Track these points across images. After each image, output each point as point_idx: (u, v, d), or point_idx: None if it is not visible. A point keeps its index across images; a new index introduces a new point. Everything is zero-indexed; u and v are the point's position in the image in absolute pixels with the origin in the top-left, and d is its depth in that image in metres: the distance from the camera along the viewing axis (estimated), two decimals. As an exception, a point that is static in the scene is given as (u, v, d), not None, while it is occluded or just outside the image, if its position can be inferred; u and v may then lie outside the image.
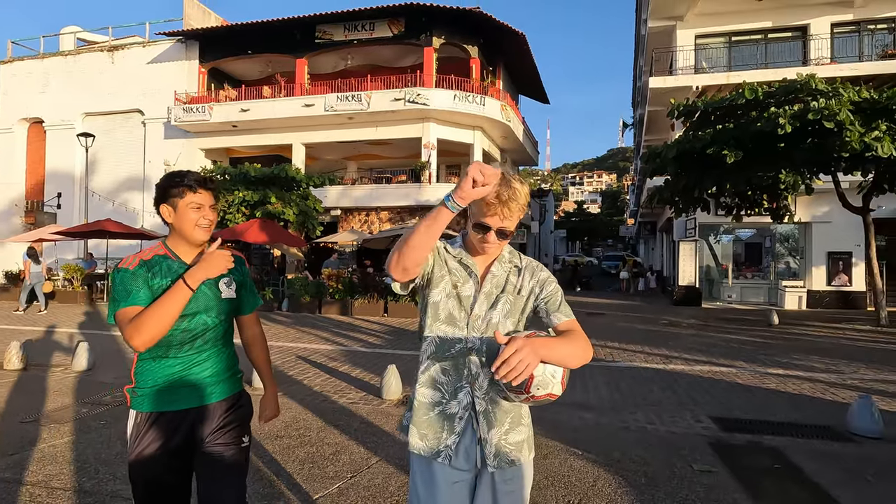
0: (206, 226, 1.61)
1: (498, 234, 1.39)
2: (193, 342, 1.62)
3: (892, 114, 9.35)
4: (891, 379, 6.14)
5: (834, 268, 15.57)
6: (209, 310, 1.63)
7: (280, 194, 14.28)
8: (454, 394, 1.40)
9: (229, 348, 1.75)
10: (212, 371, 1.66)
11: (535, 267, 1.53)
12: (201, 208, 1.59)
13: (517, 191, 1.34)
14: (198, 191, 1.58)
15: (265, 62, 20.84)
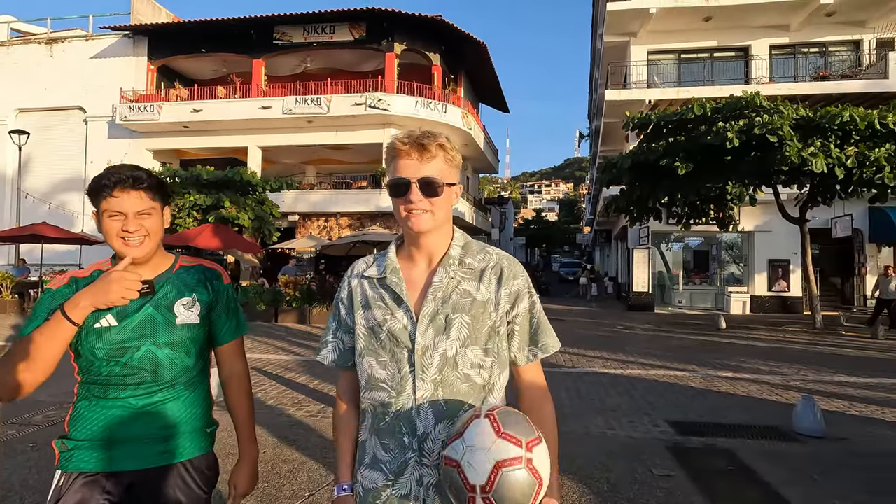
0: (133, 237, 1.23)
1: (423, 188, 1.02)
2: (139, 383, 1.25)
3: (825, 132, 10.05)
4: (828, 379, 6.52)
5: (774, 274, 16.54)
6: (158, 340, 1.26)
7: (234, 198, 13.76)
8: (401, 470, 1.03)
9: (195, 391, 1.35)
10: (166, 422, 1.28)
11: (506, 267, 1.10)
12: (120, 217, 1.21)
13: (421, 130, 1.07)
14: (113, 194, 1.20)
15: (220, 62, 20.14)
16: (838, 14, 16.28)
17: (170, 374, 1.29)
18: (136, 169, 1.25)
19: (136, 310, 1.25)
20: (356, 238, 13.95)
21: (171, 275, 1.34)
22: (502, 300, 1.08)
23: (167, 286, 1.32)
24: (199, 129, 18.78)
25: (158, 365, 1.27)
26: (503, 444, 0.86)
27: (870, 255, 16.23)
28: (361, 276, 1.15)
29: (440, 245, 1.10)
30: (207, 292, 1.37)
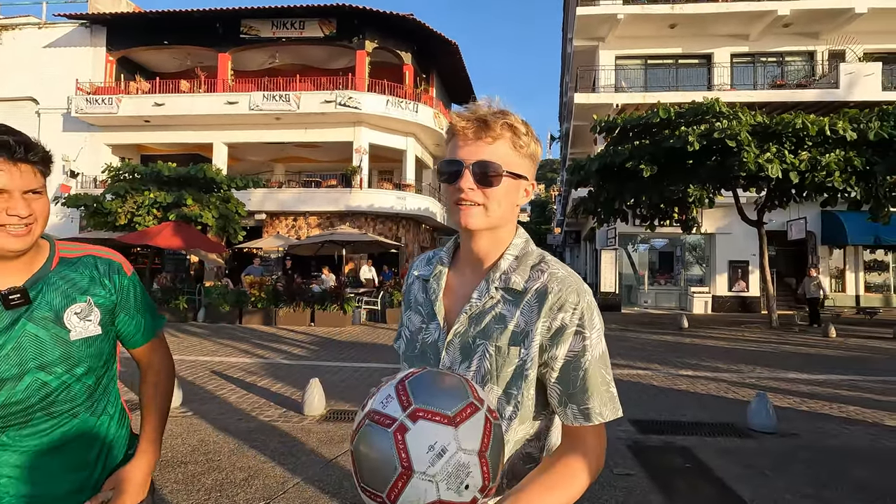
0: (18, 224, 0.91)
1: (477, 175, 0.83)
2: (27, 421, 0.96)
3: (780, 138, 10.47)
4: (781, 377, 6.77)
5: (734, 275, 17.15)
6: (48, 364, 0.96)
7: (198, 196, 13.33)
8: None
9: (104, 412, 1.08)
10: (78, 459, 1.02)
11: (554, 293, 0.84)
12: (2, 197, 0.90)
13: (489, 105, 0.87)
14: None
15: (184, 54, 19.49)
16: (794, 25, 17.01)
17: (68, 405, 1.00)
18: (19, 133, 0.93)
19: (7, 328, 0.93)
20: (324, 238, 13.73)
21: (50, 272, 1.01)
22: (537, 335, 0.83)
23: (49, 290, 0.99)
24: (161, 123, 18.13)
25: (51, 395, 0.97)
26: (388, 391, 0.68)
27: (822, 256, 17.02)
28: (416, 275, 1.01)
29: (493, 251, 0.90)
30: (107, 292, 1.07)
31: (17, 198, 0.91)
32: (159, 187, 13.22)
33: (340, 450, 3.85)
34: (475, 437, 0.64)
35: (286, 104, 17.17)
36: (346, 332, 10.66)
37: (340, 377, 6.33)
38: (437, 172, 0.90)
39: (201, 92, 18.03)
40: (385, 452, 0.62)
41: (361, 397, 5.42)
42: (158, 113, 17.59)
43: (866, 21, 16.55)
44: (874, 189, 10.78)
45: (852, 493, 3.23)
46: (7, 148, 0.89)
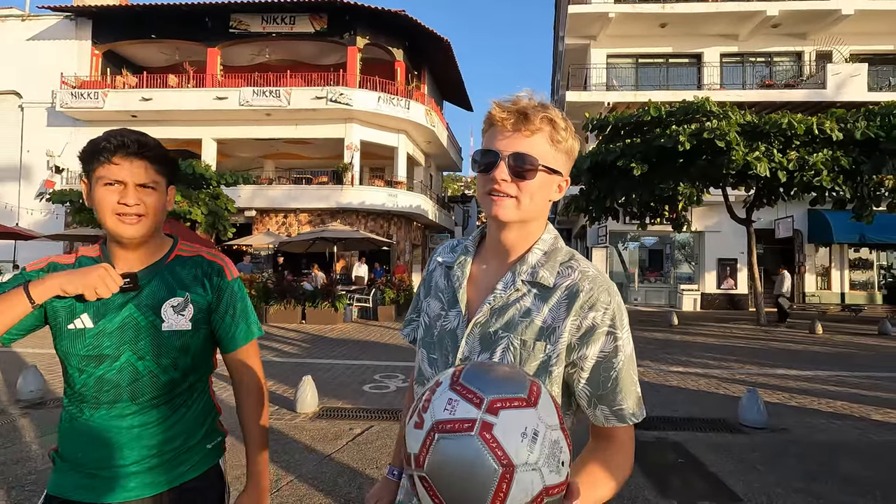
0: (130, 213, 1.03)
1: (513, 166, 0.82)
2: (116, 400, 1.04)
3: (769, 137, 10.58)
4: (771, 373, 6.86)
5: (723, 273, 17.34)
6: (141, 349, 1.05)
7: (187, 192, 13.16)
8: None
9: (193, 410, 1.14)
10: (154, 448, 1.07)
11: (585, 291, 0.84)
12: (119, 187, 1.02)
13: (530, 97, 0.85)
14: (113, 160, 1.02)
15: (171, 49, 19.21)
16: (783, 26, 17.20)
17: (151, 392, 1.07)
18: (141, 135, 1.06)
19: (118, 309, 1.05)
20: (315, 235, 13.64)
21: (163, 268, 1.12)
22: (565, 333, 0.82)
23: (156, 282, 1.09)
24: (149, 118, 17.86)
25: (138, 379, 1.05)
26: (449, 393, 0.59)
27: (808, 254, 17.26)
28: (439, 262, 1.00)
29: (521, 244, 0.89)
30: (205, 291, 1.14)
31: (131, 189, 1.03)
32: (147, 183, 13.03)
33: (334, 447, 3.83)
34: (552, 412, 0.60)
35: (276, 100, 17.01)
36: (337, 330, 10.61)
37: (333, 374, 6.30)
38: (471, 161, 0.88)
39: (190, 87, 17.78)
40: (477, 458, 0.53)
41: (354, 395, 5.41)
42: (146, 108, 17.32)
43: (853, 22, 16.78)
44: (860, 188, 10.95)
45: (841, 487, 3.27)
46: (124, 146, 1.02)
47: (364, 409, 4.85)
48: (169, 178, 1.12)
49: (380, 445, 3.90)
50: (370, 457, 3.67)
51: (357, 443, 3.96)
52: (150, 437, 1.07)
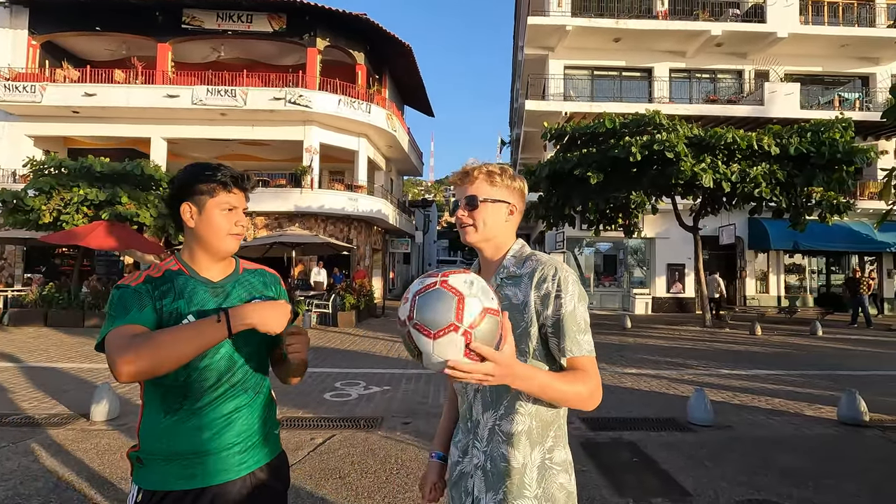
0: (239, 233, 1.30)
1: (465, 204, 1.20)
2: (217, 387, 1.23)
3: (714, 150, 11.22)
4: (715, 372, 7.26)
5: (672, 277, 18.17)
6: (236, 341, 1.24)
7: (134, 194, 12.53)
8: (465, 450, 1.21)
9: (264, 394, 1.35)
10: (243, 430, 1.26)
11: (542, 271, 1.15)
12: (234, 211, 1.28)
13: (472, 164, 1.24)
14: (233, 190, 1.28)
15: (118, 42, 18.27)
16: (725, 45, 18.31)
17: (242, 378, 1.28)
18: (233, 169, 1.31)
19: (215, 310, 1.23)
20: (273, 239, 13.30)
21: (239, 276, 1.36)
22: (531, 303, 1.13)
23: (238, 287, 1.33)
24: (92, 115, 16.90)
25: (234, 367, 1.26)
26: (425, 278, 0.94)
27: (749, 260, 18.37)
28: None
29: (496, 258, 1.23)
30: (273, 295, 1.39)
31: (241, 213, 1.31)
32: (90, 184, 12.31)
33: (295, 458, 3.75)
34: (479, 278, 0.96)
35: (232, 100, 16.49)
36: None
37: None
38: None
39: (138, 83, 16.95)
40: (442, 295, 0.89)
41: (315, 404, 5.31)
42: (89, 104, 16.38)
43: (787, 45, 18.08)
44: (794, 199, 11.78)
45: (780, 479, 3.51)
46: (238, 179, 1.29)
47: (325, 418, 4.78)
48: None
49: (342, 455, 3.86)
50: (333, 466, 3.63)
51: (318, 453, 3.90)
52: (241, 420, 1.27)
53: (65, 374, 6.57)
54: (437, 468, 1.34)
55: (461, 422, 1.25)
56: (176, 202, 1.27)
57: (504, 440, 1.14)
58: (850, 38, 17.90)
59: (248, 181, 1.32)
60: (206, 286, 1.27)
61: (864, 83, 19.31)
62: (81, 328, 11.19)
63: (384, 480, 3.40)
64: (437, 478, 1.33)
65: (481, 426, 1.17)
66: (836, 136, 11.01)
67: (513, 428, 1.13)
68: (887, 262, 18.35)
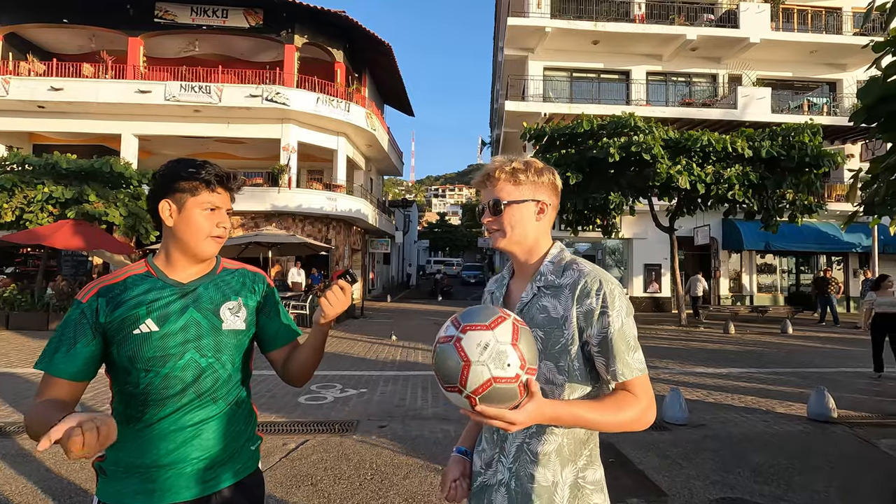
0: (221, 235, 1.22)
1: (491, 209, 1.14)
2: (181, 396, 1.14)
3: (689, 152, 11.41)
4: (690, 371, 7.36)
5: (649, 277, 18.44)
6: (202, 347, 1.17)
7: (103, 192, 12.11)
8: (489, 463, 1.14)
9: (238, 406, 1.25)
10: (211, 443, 1.17)
11: (582, 283, 1.06)
12: (217, 212, 1.21)
13: (495, 162, 1.17)
14: (217, 189, 1.21)
15: (87, 36, 17.66)
16: (700, 49, 18.68)
17: (211, 386, 1.19)
18: (219, 167, 1.25)
19: (179, 313, 1.17)
20: (248, 239, 13.02)
21: (215, 276, 1.28)
22: (573, 318, 1.05)
23: (212, 288, 1.25)
24: (59, 110, 16.30)
25: (201, 375, 1.17)
26: (449, 325, 0.94)
27: (723, 260, 18.77)
28: (490, 291, 1.28)
29: (532, 262, 1.16)
30: (254, 296, 1.31)
31: (225, 214, 1.24)
32: (56, 181, 11.85)
33: (266, 465, 3.64)
34: (507, 333, 0.89)
35: (207, 96, 16.10)
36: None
37: (265, 386, 6.02)
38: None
39: (108, 78, 16.43)
40: (452, 356, 0.88)
41: (289, 407, 5.19)
42: (56, 98, 15.78)
43: (759, 50, 18.54)
44: (766, 201, 12.07)
45: (752, 477, 3.55)
46: (224, 178, 1.23)
47: (299, 423, 4.66)
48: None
49: (315, 460, 3.76)
50: (305, 472, 3.53)
51: (290, 458, 3.79)
52: (209, 432, 1.17)
53: (25, 379, 6.29)
54: (459, 463, 1.25)
55: (486, 431, 1.18)
56: (155, 198, 1.20)
57: (532, 460, 1.06)
58: (819, 45, 18.45)
59: (233, 181, 1.25)
60: (174, 288, 1.20)
61: (831, 88, 19.93)
62: (46, 331, 10.76)
63: (357, 486, 3.32)
64: (458, 473, 1.23)
65: (509, 441, 1.10)
66: (805, 139, 11.31)
67: (543, 448, 1.06)
68: (853, 262, 18.97)
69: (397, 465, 3.68)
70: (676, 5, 19.04)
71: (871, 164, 4.19)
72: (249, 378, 1.32)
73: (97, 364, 1.16)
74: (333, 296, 1.21)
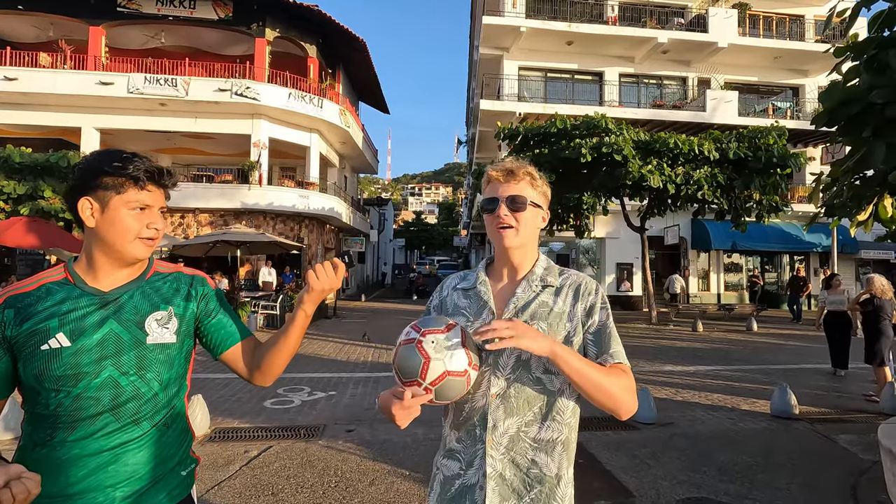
0: (152, 237, 1.11)
1: (509, 205, 1.15)
2: (95, 418, 1.02)
3: (660, 154, 11.59)
4: (659, 369, 7.46)
5: (621, 276, 18.73)
6: (124, 364, 1.05)
7: (60, 187, 11.57)
8: (471, 460, 1.11)
9: (167, 429, 1.12)
10: (132, 469, 1.05)
11: (583, 284, 1.18)
12: (147, 211, 1.09)
13: (513, 161, 1.21)
14: (147, 186, 1.09)
15: (45, 23, 16.83)
16: (671, 53, 19.04)
17: (133, 408, 1.06)
18: (154, 162, 1.13)
19: (96, 326, 1.05)
20: (216, 237, 12.64)
21: (144, 282, 1.15)
22: (578, 313, 1.15)
23: (137, 297, 1.12)
24: (13, 101, 15.48)
25: (120, 395, 1.05)
26: (411, 330, 1.06)
27: (691, 259, 19.21)
28: (454, 288, 1.27)
29: (525, 263, 1.21)
30: (190, 303, 1.18)
31: (157, 213, 1.12)
32: (7, 176, 11.26)
33: (225, 473, 3.49)
34: (457, 337, 1.04)
35: (173, 89, 15.55)
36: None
37: (231, 391, 5.81)
38: (480, 208, 1.23)
39: (66, 68, 15.70)
40: (414, 355, 1.01)
41: (253, 412, 5.01)
42: (9, 89, 14.98)
43: (727, 55, 19.02)
44: (734, 201, 12.37)
45: (718, 476, 3.58)
46: (155, 174, 1.11)
47: (262, 428, 4.50)
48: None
49: (278, 468, 3.62)
50: (266, 482, 3.39)
51: (252, 467, 3.64)
52: (129, 458, 1.05)
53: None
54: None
55: (461, 431, 1.13)
56: (74, 196, 1.07)
57: (535, 446, 1.09)
58: (783, 51, 19.04)
59: (167, 177, 1.13)
60: (92, 297, 1.07)
61: (794, 93, 20.61)
62: (-3, 334, 10.20)
63: (320, 495, 3.21)
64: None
65: (499, 433, 1.09)
66: (770, 141, 11.63)
67: (548, 435, 1.10)
68: (814, 261, 19.68)
69: (363, 472, 3.58)
70: (648, 8, 19.36)
71: (831, 168, 4.28)
72: (183, 393, 1.20)
73: (9, 381, 1.05)
74: (322, 269, 1.14)
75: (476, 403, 1.12)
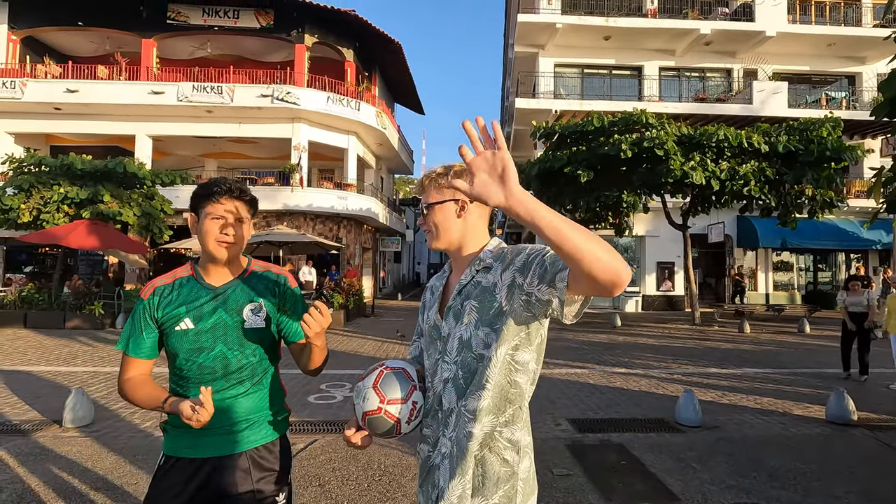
0: (228, 240, 1.40)
1: (423, 212, 1.27)
2: (213, 380, 1.40)
3: (703, 148, 11.21)
4: (704, 371, 7.23)
5: (662, 275, 18.21)
6: (229, 342, 1.41)
7: (117, 192, 12.27)
8: (436, 442, 1.19)
9: (266, 388, 1.50)
10: (243, 413, 1.44)
11: (510, 251, 1.14)
12: (223, 220, 1.40)
13: (424, 173, 1.30)
14: (221, 200, 1.40)
15: (102, 38, 17.90)
16: (714, 44, 18.34)
17: (238, 373, 1.43)
18: (238, 182, 1.45)
19: (211, 313, 1.41)
20: (260, 238, 13.11)
21: (243, 279, 1.48)
22: (506, 279, 1.10)
23: (237, 291, 1.45)
24: (75, 112, 16.55)
25: (228, 364, 1.41)
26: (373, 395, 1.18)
27: (737, 258, 18.46)
28: (429, 286, 1.37)
29: (465, 255, 1.24)
30: (274, 297, 1.49)
31: (231, 221, 1.40)
32: (71, 182, 12.03)
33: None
34: (371, 380, 1.20)
35: (218, 96, 16.23)
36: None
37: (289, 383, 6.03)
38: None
39: (122, 79, 16.64)
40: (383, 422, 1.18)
41: (298, 407, 5.19)
42: (71, 100, 16.03)
43: (776, 44, 18.16)
44: (783, 197, 11.81)
45: (769, 481, 3.46)
46: (230, 190, 1.40)
47: (308, 422, 4.66)
48: (253, 214, 1.48)
49: (324, 461, 3.75)
50: (313, 473, 3.52)
51: (299, 459, 3.78)
52: (238, 406, 1.42)
53: (40, 378, 6.39)
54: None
55: (428, 416, 1.22)
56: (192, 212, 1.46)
57: (470, 418, 1.11)
58: (837, 38, 18.01)
59: (244, 193, 1.43)
60: (209, 291, 1.43)
61: (850, 82, 19.45)
62: (62, 329, 10.94)
63: (365, 488, 3.30)
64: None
65: (455, 414, 1.14)
66: (824, 134, 11.05)
67: (478, 404, 1.11)
68: (873, 259, 18.53)
69: (405, 467, 3.66)
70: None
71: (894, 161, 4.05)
72: (277, 361, 1.53)
73: (158, 348, 1.44)
74: (310, 317, 1.30)
75: (435, 390, 1.19)
